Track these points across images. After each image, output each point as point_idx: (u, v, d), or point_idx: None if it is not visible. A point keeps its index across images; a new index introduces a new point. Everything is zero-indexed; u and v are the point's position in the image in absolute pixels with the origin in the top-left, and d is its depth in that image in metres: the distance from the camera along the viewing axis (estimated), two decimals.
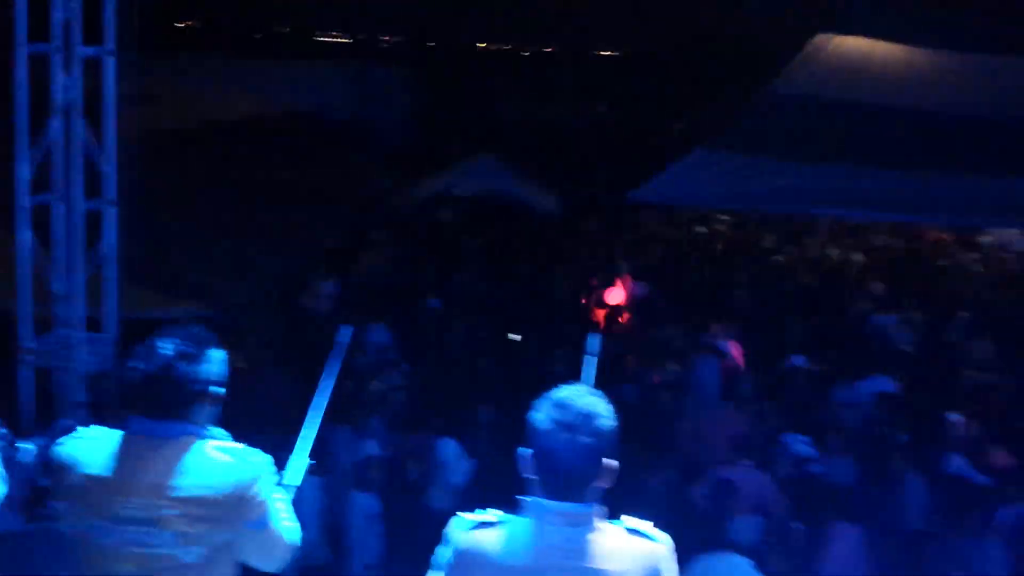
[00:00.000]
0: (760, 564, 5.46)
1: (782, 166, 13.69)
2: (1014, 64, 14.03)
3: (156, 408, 2.74)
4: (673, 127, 17.91)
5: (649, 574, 2.44)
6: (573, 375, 3.04)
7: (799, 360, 9.21)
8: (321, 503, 6.43)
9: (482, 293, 11.36)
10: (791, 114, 14.24)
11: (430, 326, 10.23)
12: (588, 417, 2.42)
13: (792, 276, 13.20)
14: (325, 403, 3.43)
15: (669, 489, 6.99)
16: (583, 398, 2.46)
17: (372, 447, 6.86)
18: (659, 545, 2.48)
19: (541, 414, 2.45)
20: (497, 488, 2.74)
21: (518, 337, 10.19)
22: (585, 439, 2.40)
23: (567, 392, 2.48)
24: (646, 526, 2.50)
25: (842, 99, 14.25)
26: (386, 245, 12.96)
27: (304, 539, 6.21)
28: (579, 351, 3.42)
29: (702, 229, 16.19)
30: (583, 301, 11.47)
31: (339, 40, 27.57)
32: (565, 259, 13.20)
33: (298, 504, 6.06)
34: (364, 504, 6.45)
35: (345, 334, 3.69)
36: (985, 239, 15.47)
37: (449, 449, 7.08)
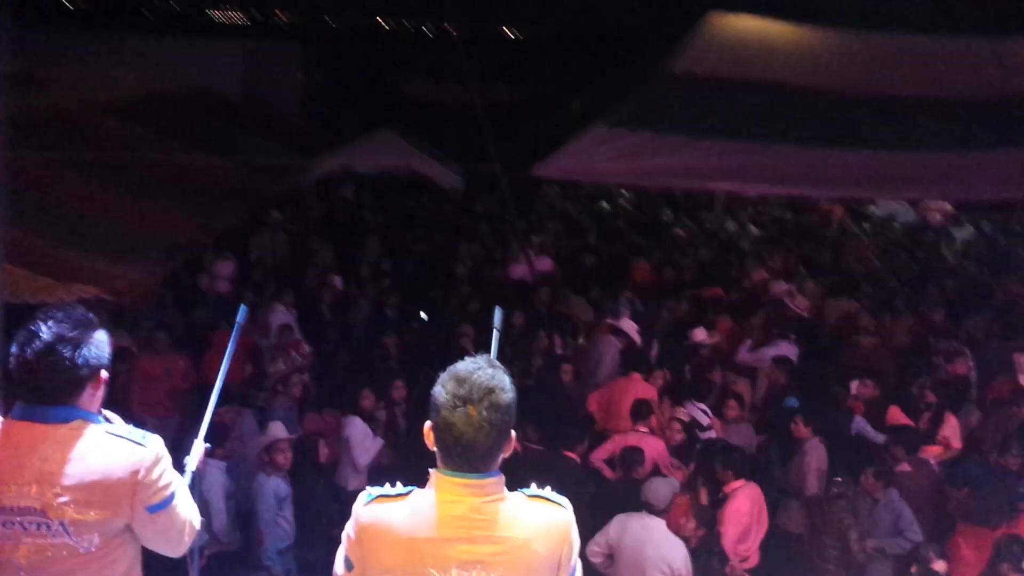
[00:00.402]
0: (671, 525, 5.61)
1: (678, 142, 13.89)
2: (899, 40, 14.53)
3: (41, 394, 2.61)
4: (572, 104, 17.97)
5: (553, 538, 2.48)
6: (479, 351, 3.01)
7: (701, 334, 9.40)
8: (229, 488, 6.28)
9: (385, 270, 11.23)
10: (686, 91, 14.43)
11: (333, 305, 10.07)
12: (487, 391, 2.42)
13: (692, 249, 13.43)
14: (221, 385, 3.32)
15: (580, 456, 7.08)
16: (482, 371, 2.46)
17: (279, 429, 6.71)
18: (561, 509, 2.52)
19: (441, 388, 2.45)
20: (410, 465, 2.70)
21: (424, 316, 10.12)
22: (484, 412, 2.40)
23: (466, 366, 2.48)
24: (546, 492, 2.54)
25: (735, 77, 14.53)
26: (284, 224, 12.68)
27: (214, 525, 6.10)
28: (482, 327, 3.37)
29: (604, 204, 16.35)
30: None
31: (231, 16, 26.79)
32: (468, 235, 13.14)
33: (204, 489, 5.93)
34: (273, 487, 6.32)
35: (242, 314, 3.58)
36: (873, 211, 16.05)
37: (356, 428, 6.98)
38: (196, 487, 3.00)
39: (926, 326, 9.83)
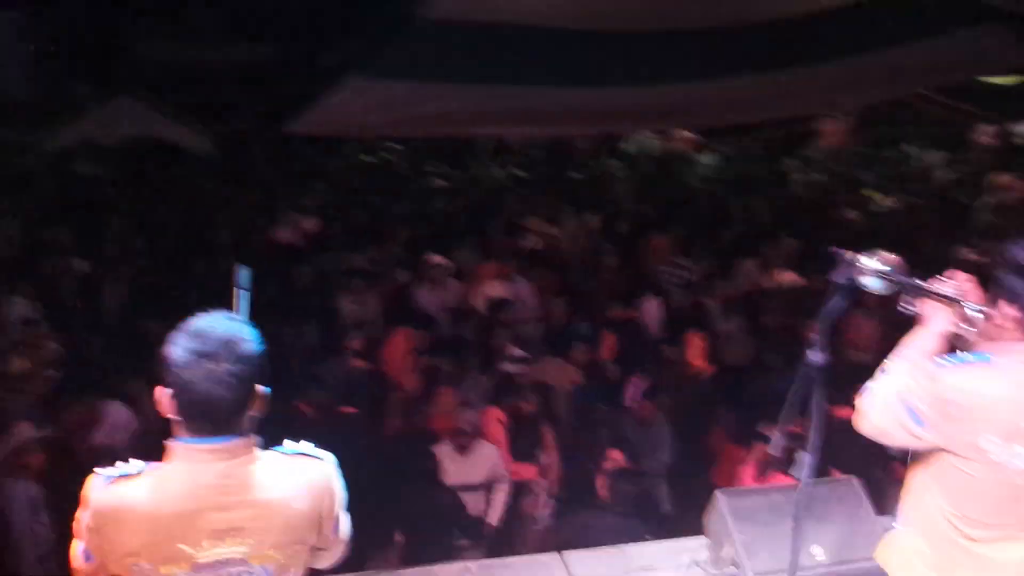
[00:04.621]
0: None
1: (437, 89, 13.81)
2: None
3: None
4: (323, 58, 17.47)
5: (313, 493, 2.38)
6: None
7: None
8: None
9: (138, 248, 10.52)
10: (439, 38, 14.34)
11: (79, 292, 9.33)
12: (230, 343, 2.25)
13: (460, 197, 13.48)
14: None
15: None
16: (222, 324, 2.29)
17: (26, 430, 6.14)
18: (320, 463, 2.43)
19: (175, 346, 2.26)
20: None
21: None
22: (228, 366, 2.23)
23: (204, 320, 2.30)
24: (306, 446, 2.43)
25: (487, 21, 14.56)
26: (15, 207, 11.55)
27: None
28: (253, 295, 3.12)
29: (369, 158, 16.09)
30: None
31: None
32: (226, 202, 12.54)
33: None
34: (24, 493, 5.83)
35: None
36: (628, 147, 16.70)
37: (117, 415, 6.53)
38: None
39: (676, 249, 10.33)
